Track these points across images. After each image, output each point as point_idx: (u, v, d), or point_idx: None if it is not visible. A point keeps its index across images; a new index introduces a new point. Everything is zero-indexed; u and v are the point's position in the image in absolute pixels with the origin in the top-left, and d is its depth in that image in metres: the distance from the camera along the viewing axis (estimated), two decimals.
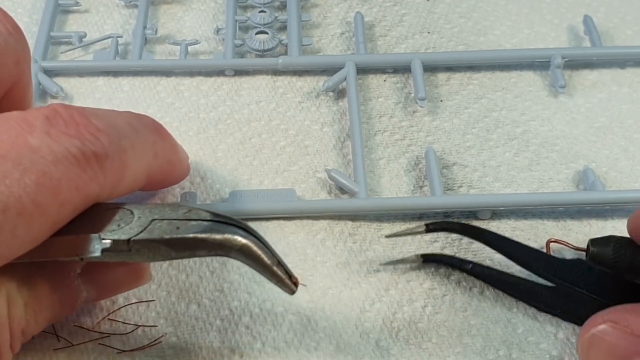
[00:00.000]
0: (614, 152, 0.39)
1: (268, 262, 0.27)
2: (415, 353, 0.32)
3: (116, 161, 0.28)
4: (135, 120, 0.31)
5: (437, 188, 0.36)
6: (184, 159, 0.35)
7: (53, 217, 0.25)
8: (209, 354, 0.31)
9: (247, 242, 0.27)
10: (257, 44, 0.42)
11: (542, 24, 0.45)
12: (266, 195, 0.36)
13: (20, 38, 0.29)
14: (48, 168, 0.25)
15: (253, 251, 0.27)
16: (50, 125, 0.26)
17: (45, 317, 0.28)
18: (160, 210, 0.28)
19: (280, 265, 0.27)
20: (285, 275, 0.27)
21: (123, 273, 0.30)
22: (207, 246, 0.27)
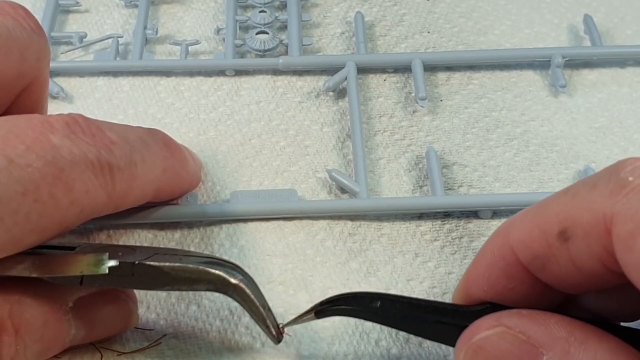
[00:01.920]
0: (613, 153, 0.39)
1: (257, 304, 0.28)
2: (415, 352, 0.32)
3: (126, 173, 0.29)
4: (146, 135, 0.32)
5: (438, 188, 0.36)
6: (194, 172, 0.36)
7: (62, 212, 0.27)
8: (209, 354, 0.31)
9: (241, 282, 0.28)
10: (258, 43, 0.42)
11: (542, 23, 0.45)
12: (267, 195, 0.36)
13: (42, 35, 0.30)
14: (66, 166, 0.26)
15: (245, 292, 0.28)
16: (70, 131, 0.28)
17: (34, 351, 0.27)
18: (161, 249, 0.29)
19: (269, 310, 0.29)
20: (273, 323, 0.29)
21: (112, 312, 0.30)
22: (207, 279, 0.28)
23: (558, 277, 0.25)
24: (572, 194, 0.24)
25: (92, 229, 0.35)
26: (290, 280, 0.34)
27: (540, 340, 0.24)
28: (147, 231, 0.35)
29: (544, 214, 0.25)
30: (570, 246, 0.24)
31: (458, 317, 0.27)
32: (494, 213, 0.36)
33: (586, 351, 0.23)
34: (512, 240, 0.26)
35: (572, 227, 0.24)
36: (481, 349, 0.25)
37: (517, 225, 0.26)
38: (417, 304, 0.28)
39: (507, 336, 0.25)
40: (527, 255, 0.25)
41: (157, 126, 0.39)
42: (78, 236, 0.35)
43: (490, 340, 0.25)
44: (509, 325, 0.25)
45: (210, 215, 0.35)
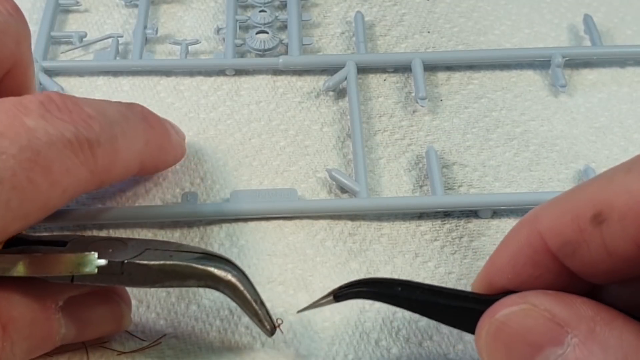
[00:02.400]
0: (613, 153, 0.39)
1: (250, 299, 0.28)
2: (415, 352, 0.32)
3: (107, 148, 0.29)
4: (125, 109, 0.32)
5: (439, 187, 0.36)
6: (177, 143, 0.36)
7: (44, 195, 0.26)
8: (209, 354, 0.31)
9: (235, 277, 0.28)
10: (258, 43, 0.42)
11: (542, 23, 0.45)
12: (268, 195, 0.36)
13: (21, 18, 0.30)
14: (42, 148, 0.26)
15: (239, 286, 0.28)
16: (45, 110, 0.27)
17: (22, 349, 0.27)
18: (152, 242, 0.29)
19: (262, 305, 0.29)
20: (266, 317, 0.29)
21: (104, 313, 0.30)
22: (198, 276, 0.28)
23: (588, 264, 0.25)
24: (607, 179, 0.24)
25: (92, 228, 0.35)
26: (290, 280, 0.34)
27: (566, 319, 0.24)
28: (147, 230, 0.35)
29: (576, 199, 0.25)
30: (604, 229, 0.24)
31: (481, 304, 0.26)
32: (494, 213, 0.36)
33: (612, 330, 0.23)
34: (541, 226, 0.25)
35: (608, 210, 0.23)
36: (505, 325, 0.25)
37: (546, 212, 0.26)
38: (438, 290, 0.28)
39: (532, 313, 0.24)
40: (557, 241, 0.25)
41: None
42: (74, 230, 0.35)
43: (515, 316, 0.25)
44: (534, 302, 0.25)
45: (210, 215, 0.35)
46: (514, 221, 0.36)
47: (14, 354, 0.27)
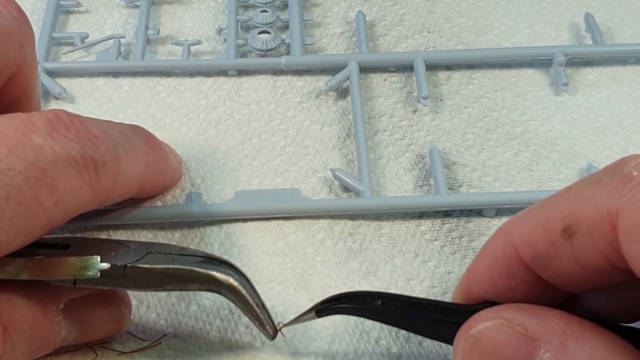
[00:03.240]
0: (613, 152, 0.39)
1: (252, 303, 0.28)
2: (415, 351, 0.32)
3: (111, 168, 0.29)
4: (128, 131, 0.32)
5: (442, 186, 0.36)
6: (175, 167, 0.36)
7: (48, 213, 0.27)
8: (209, 354, 0.31)
9: (237, 280, 0.28)
10: (260, 43, 0.42)
11: (542, 23, 0.45)
12: (271, 195, 0.36)
13: (25, 21, 0.30)
14: (49, 167, 0.26)
15: (241, 290, 0.28)
16: (53, 128, 0.27)
17: (23, 351, 0.28)
18: (155, 246, 0.29)
19: (264, 308, 0.29)
20: (267, 319, 0.29)
21: (104, 315, 0.30)
22: (200, 280, 0.28)
23: (561, 275, 0.25)
24: (576, 191, 0.24)
25: (92, 228, 0.35)
26: (290, 279, 0.34)
27: (538, 333, 0.24)
28: (147, 231, 0.35)
29: (547, 212, 0.25)
30: (575, 243, 0.24)
31: (458, 316, 0.27)
32: (497, 211, 0.36)
33: (583, 344, 0.23)
34: (515, 238, 0.26)
35: (577, 223, 0.24)
36: (479, 341, 0.25)
37: (519, 224, 0.26)
38: (417, 302, 0.28)
39: (505, 328, 0.25)
40: (530, 253, 0.25)
41: (157, 126, 0.39)
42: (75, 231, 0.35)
43: (489, 331, 0.25)
44: (507, 317, 0.25)
45: (215, 215, 0.35)
46: None
47: (14, 356, 0.27)
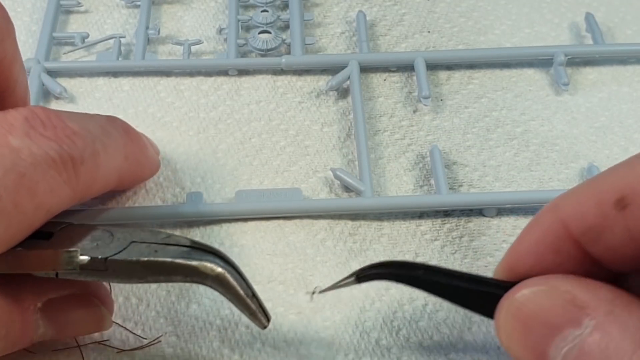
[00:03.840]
0: (614, 152, 0.39)
1: (242, 293, 0.27)
2: (416, 351, 0.32)
3: (90, 164, 0.28)
4: (106, 123, 0.31)
5: (443, 186, 0.36)
6: (153, 158, 0.35)
7: (29, 218, 0.26)
8: (209, 353, 0.31)
9: (223, 271, 0.27)
10: (260, 43, 0.42)
11: (543, 23, 0.45)
12: (272, 194, 0.36)
13: (3, 15, 0.29)
14: (27, 170, 0.26)
15: (228, 281, 0.27)
16: (30, 127, 0.27)
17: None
18: (140, 234, 0.28)
19: (254, 297, 0.28)
20: (259, 309, 0.28)
21: (83, 315, 0.30)
22: (183, 272, 0.27)
23: (611, 250, 0.25)
24: (629, 165, 0.24)
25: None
26: (290, 279, 0.34)
27: (586, 301, 0.24)
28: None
29: (599, 185, 0.25)
30: (628, 214, 0.24)
31: (502, 289, 0.26)
32: (497, 211, 0.36)
33: (630, 313, 0.23)
34: (564, 213, 0.26)
35: (631, 194, 0.24)
36: (524, 305, 0.25)
37: (568, 199, 0.26)
38: (459, 275, 0.28)
39: (551, 294, 0.25)
40: (580, 227, 0.25)
41: (157, 125, 0.39)
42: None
43: (535, 296, 0.25)
44: (554, 284, 0.25)
45: (215, 215, 0.35)
46: (515, 220, 0.36)
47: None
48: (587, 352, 0.23)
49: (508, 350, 0.26)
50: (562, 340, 0.24)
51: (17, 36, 0.43)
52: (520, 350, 0.25)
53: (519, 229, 0.36)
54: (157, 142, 0.39)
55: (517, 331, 0.25)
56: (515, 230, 0.36)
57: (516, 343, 0.25)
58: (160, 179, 0.37)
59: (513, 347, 0.25)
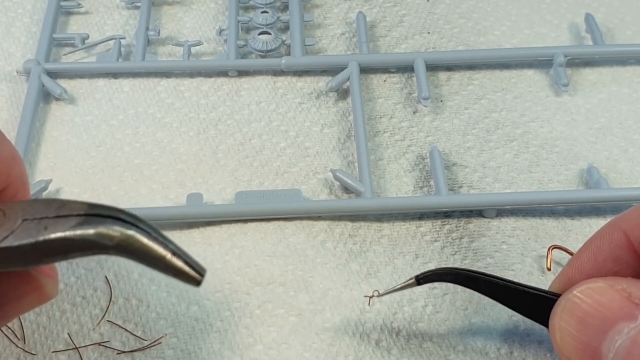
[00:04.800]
0: (613, 154, 0.39)
1: (158, 253, 0.23)
2: (415, 353, 0.32)
3: None
4: None
5: (443, 187, 0.36)
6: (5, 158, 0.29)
7: None
8: (209, 355, 0.31)
9: (126, 235, 0.23)
10: (260, 44, 0.42)
11: (542, 24, 0.45)
12: (272, 195, 0.36)
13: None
14: None
15: (135, 244, 0.23)
16: None
17: None
18: (32, 208, 0.24)
19: (176, 255, 0.23)
20: (186, 265, 0.23)
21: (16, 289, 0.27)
22: (78, 247, 0.23)
23: None
24: None
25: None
26: (290, 281, 0.34)
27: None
28: None
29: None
30: None
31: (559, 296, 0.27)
32: (497, 212, 0.36)
33: None
34: (624, 222, 0.27)
35: None
36: (581, 300, 0.26)
37: (629, 212, 0.28)
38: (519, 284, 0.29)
39: (608, 290, 0.25)
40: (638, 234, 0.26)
41: (157, 126, 0.39)
42: None
43: (592, 292, 0.26)
44: (611, 282, 0.26)
45: (216, 216, 0.36)
46: (515, 221, 0.36)
47: None
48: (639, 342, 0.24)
49: (561, 352, 0.26)
50: (617, 334, 0.24)
51: (18, 37, 0.43)
52: (573, 348, 0.26)
53: (518, 230, 0.36)
54: (157, 143, 0.39)
55: (572, 327, 0.26)
56: (515, 232, 0.36)
57: (570, 340, 0.26)
58: (162, 179, 0.37)
59: (566, 346, 0.26)
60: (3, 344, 0.31)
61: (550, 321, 0.27)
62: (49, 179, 0.37)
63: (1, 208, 0.25)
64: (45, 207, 0.24)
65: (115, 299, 0.33)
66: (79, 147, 0.39)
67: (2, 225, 0.24)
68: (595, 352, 0.25)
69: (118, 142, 0.39)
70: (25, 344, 0.31)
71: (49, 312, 0.32)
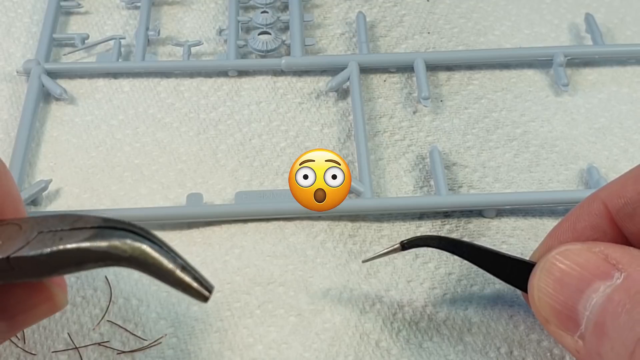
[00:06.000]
0: (613, 153, 0.39)
1: (168, 267, 0.24)
2: (415, 353, 0.32)
3: None
4: None
5: (443, 187, 0.36)
6: None
7: None
8: (209, 355, 0.31)
9: (138, 248, 0.24)
10: (260, 44, 0.42)
11: (542, 24, 0.45)
12: (272, 195, 0.36)
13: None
14: None
15: (145, 259, 0.24)
16: None
17: None
18: (48, 222, 0.25)
19: (185, 270, 0.24)
20: (194, 281, 0.24)
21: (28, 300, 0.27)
22: (92, 257, 0.24)
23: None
24: None
25: None
26: (290, 281, 0.34)
27: (617, 258, 0.25)
28: None
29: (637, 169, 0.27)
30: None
31: None
32: (497, 212, 0.36)
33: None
34: (604, 192, 0.28)
35: None
36: (559, 261, 0.26)
37: (608, 184, 0.29)
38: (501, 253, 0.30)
39: (586, 253, 0.26)
40: (617, 203, 0.27)
41: (157, 126, 0.39)
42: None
43: (570, 253, 0.26)
44: (589, 246, 0.26)
45: (216, 216, 0.36)
46: (514, 221, 0.36)
47: None
48: (614, 299, 0.24)
49: (538, 312, 0.27)
50: (594, 292, 0.25)
51: (18, 37, 0.43)
52: (550, 307, 0.26)
53: (518, 230, 0.36)
54: (157, 143, 0.39)
55: (550, 287, 0.26)
56: (515, 231, 0.36)
57: (547, 300, 0.26)
58: (162, 179, 0.37)
59: (543, 306, 0.27)
60: (3, 344, 0.31)
61: (529, 282, 0.27)
62: (49, 179, 0.37)
63: (17, 222, 0.25)
64: (61, 220, 0.25)
65: (115, 299, 0.33)
66: (79, 147, 0.39)
67: (18, 237, 0.25)
68: (572, 310, 0.25)
69: (118, 142, 0.39)
70: (25, 344, 0.31)
71: None
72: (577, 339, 0.25)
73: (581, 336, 0.25)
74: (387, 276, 0.34)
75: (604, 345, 0.24)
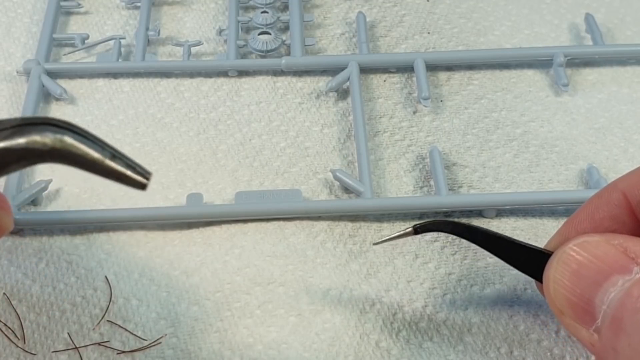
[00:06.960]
0: (613, 153, 0.39)
1: (95, 156, 0.23)
2: (415, 353, 0.32)
3: None
4: None
5: (443, 187, 0.36)
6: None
7: None
8: (209, 355, 0.31)
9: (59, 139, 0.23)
10: (260, 44, 0.42)
11: (542, 24, 0.45)
12: (272, 195, 0.36)
13: None
14: None
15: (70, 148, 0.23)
16: None
17: None
18: None
19: (116, 158, 0.23)
20: (127, 168, 0.23)
21: None
22: (13, 156, 0.23)
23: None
24: None
25: (92, 229, 0.35)
26: (290, 281, 0.34)
27: (638, 252, 0.25)
28: (147, 231, 0.35)
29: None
30: None
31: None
32: (497, 212, 0.36)
33: None
34: (623, 183, 0.28)
35: None
36: (576, 253, 0.26)
37: (628, 174, 0.28)
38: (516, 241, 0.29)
39: (604, 245, 0.25)
40: (637, 194, 0.27)
41: (157, 126, 0.39)
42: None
43: (588, 245, 0.26)
44: (608, 237, 0.26)
45: (216, 216, 0.35)
46: (515, 221, 0.36)
47: None
48: (633, 294, 0.24)
49: (553, 304, 0.26)
50: (612, 286, 0.24)
51: (18, 37, 0.44)
52: (566, 300, 0.26)
53: (518, 230, 0.36)
54: (157, 143, 0.39)
55: (567, 279, 0.26)
56: (515, 231, 0.36)
57: (563, 292, 0.26)
58: (162, 179, 0.37)
59: (559, 297, 0.26)
60: (3, 344, 0.31)
61: (545, 273, 0.27)
62: (49, 179, 0.37)
63: None
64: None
65: (115, 299, 0.33)
66: None
67: None
68: (589, 303, 0.25)
69: (118, 142, 0.39)
70: (25, 343, 0.31)
71: (49, 312, 0.32)
72: (593, 333, 0.25)
73: (597, 330, 0.25)
74: (387, 276, 0.34)
75: (621, 340, 0.23)
